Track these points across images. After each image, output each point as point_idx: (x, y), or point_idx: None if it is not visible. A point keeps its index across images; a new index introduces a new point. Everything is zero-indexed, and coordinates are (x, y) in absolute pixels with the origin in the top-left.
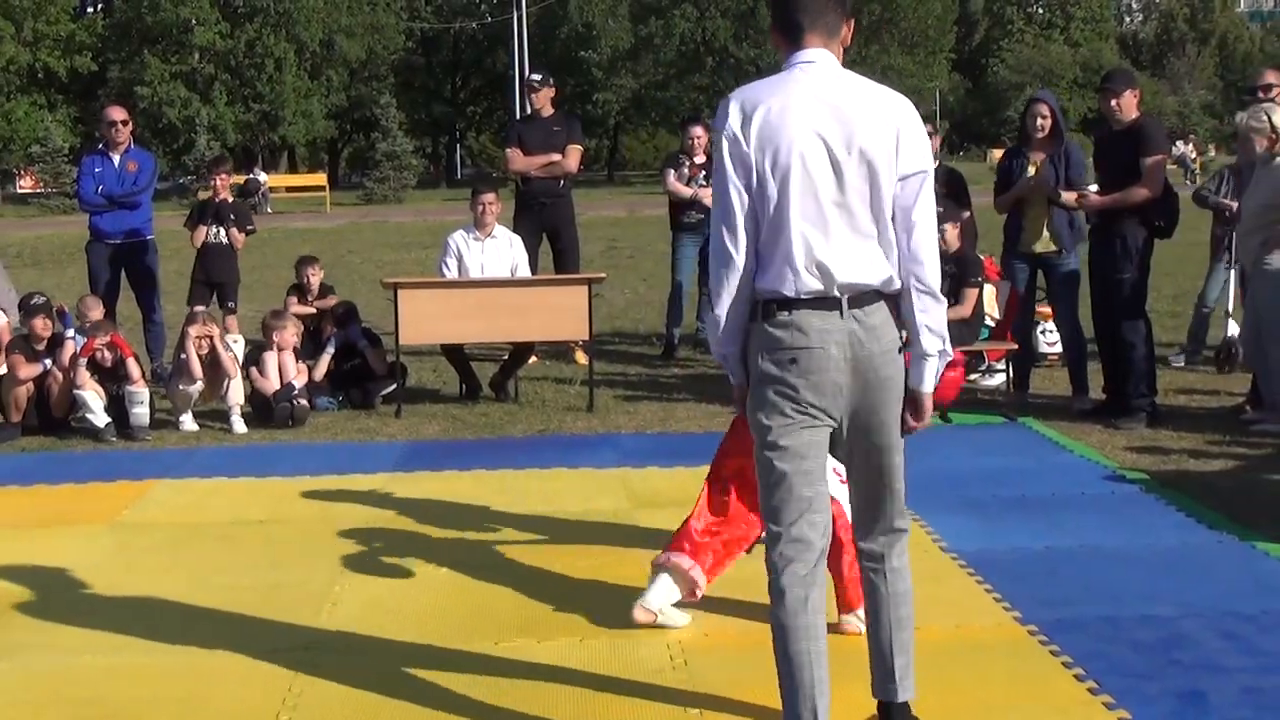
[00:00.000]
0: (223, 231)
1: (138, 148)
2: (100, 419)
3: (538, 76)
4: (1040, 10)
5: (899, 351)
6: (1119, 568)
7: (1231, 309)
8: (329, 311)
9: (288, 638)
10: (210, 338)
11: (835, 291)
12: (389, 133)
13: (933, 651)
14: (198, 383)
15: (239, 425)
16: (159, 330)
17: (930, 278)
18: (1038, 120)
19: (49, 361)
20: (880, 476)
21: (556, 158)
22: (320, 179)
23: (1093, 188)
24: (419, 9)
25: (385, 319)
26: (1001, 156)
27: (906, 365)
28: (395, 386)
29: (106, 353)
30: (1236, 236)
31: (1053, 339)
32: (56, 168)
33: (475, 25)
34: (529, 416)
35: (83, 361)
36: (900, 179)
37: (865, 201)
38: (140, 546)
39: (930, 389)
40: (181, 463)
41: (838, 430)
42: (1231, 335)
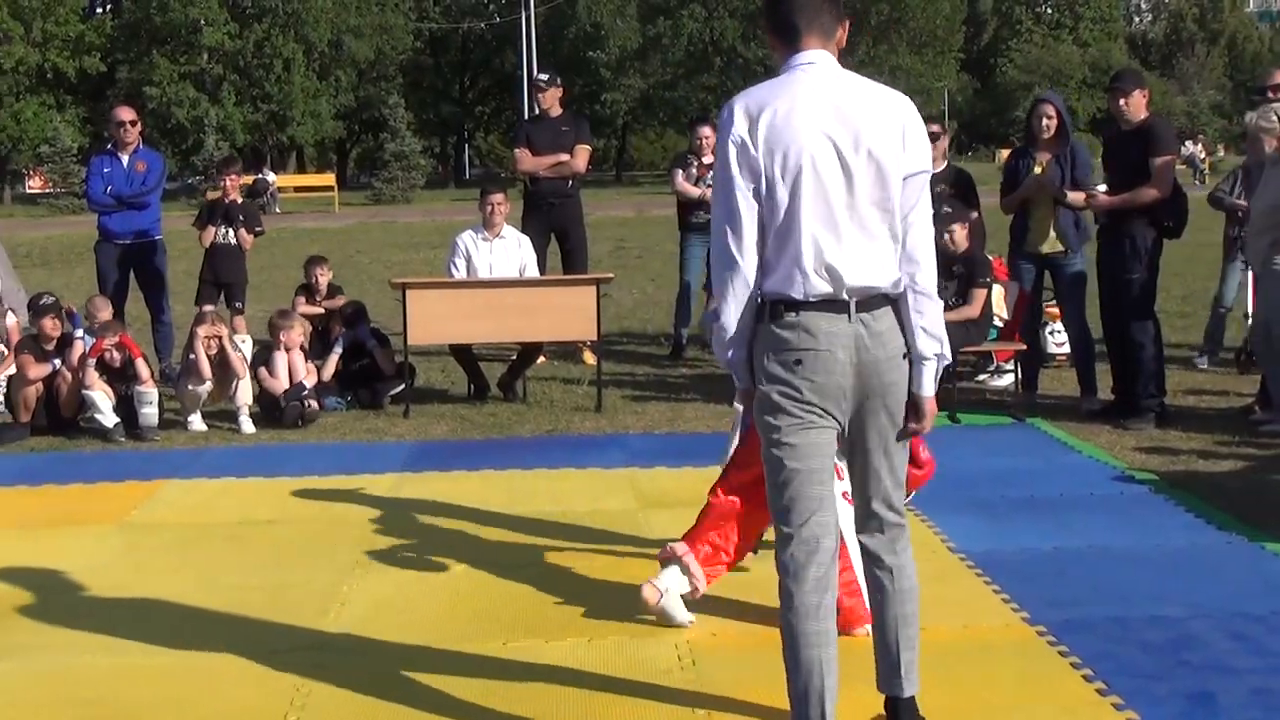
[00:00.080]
0: (231, 232)
1: (146, 148)
2: (109, 419)
3: (545, 76)
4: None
5: (903, 358)
6: (1128, 568)
7: (1251, 310)
8: (337, 311)
9: (296, 638)
10: (219, 338)
11: (844, 295)
12: (397, 133)
13: (941, 652)
14: (206, 383)
15: (247, 425)
16: (167, 330)
17: (927, 279)
18: (1043, 120)
19: (58, 361)
20: (880, 476)
21: (565, 158)
22: (329, 179)
23: (1101, 188)
24: (427, 9)
25: (394, 319)
26: (1008, 156)
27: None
28: (403, 387)
29: (115, 353)
30: (1245, 237)
31: (1061, 339)
32: (65, 168)
33: (483, 25)
34: (537, 417)
35: (91, 362)
36: (904, 178)
37: (874, 202)
38: (148, 547)
39: (930, 393)
40: (190, 463)
41: (840, 431)
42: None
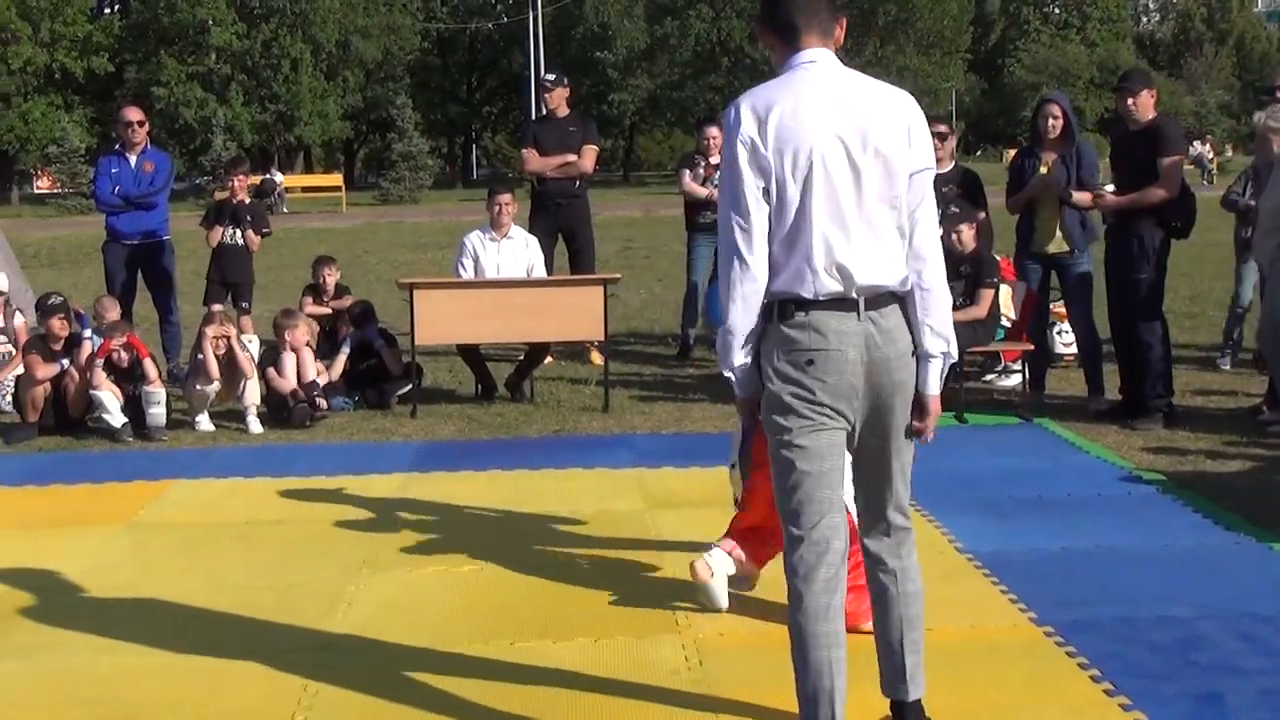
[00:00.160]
0: (238, 233)
1: (154, 148)
2: (117, 419)
3: (552, 77)
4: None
5: (911, 356)
6: (1135, 568)
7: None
8: (345, 312)
9: (303, 638)
10: (227, 338)
11: (853, 293)
12: (405, 133)
13: (948, 652)
14: (215, 383)
15: (255, 425)
16: (175, 330)
17: (934, 276)
18: (1049, 120)
19: (66, 361)
20: (888, 478)
21: (572, 158)
22: (336, 179)
23: (1109, 188)
24: (435, 10)
25: (401, 319)
26: (1014, 156)
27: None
28: (411, 387)
29: (123, 353)
30: (1253, 236)
31: (1068, 339)
32: (73, 168)
33: (491, 26)
34: (544, 417)
35: (99, 362)
36: (910, 175)
37: (882, 199)
38: (156, 546)
39: (936, 391)
40: (198, 463)
41: (850, 431)
42: None
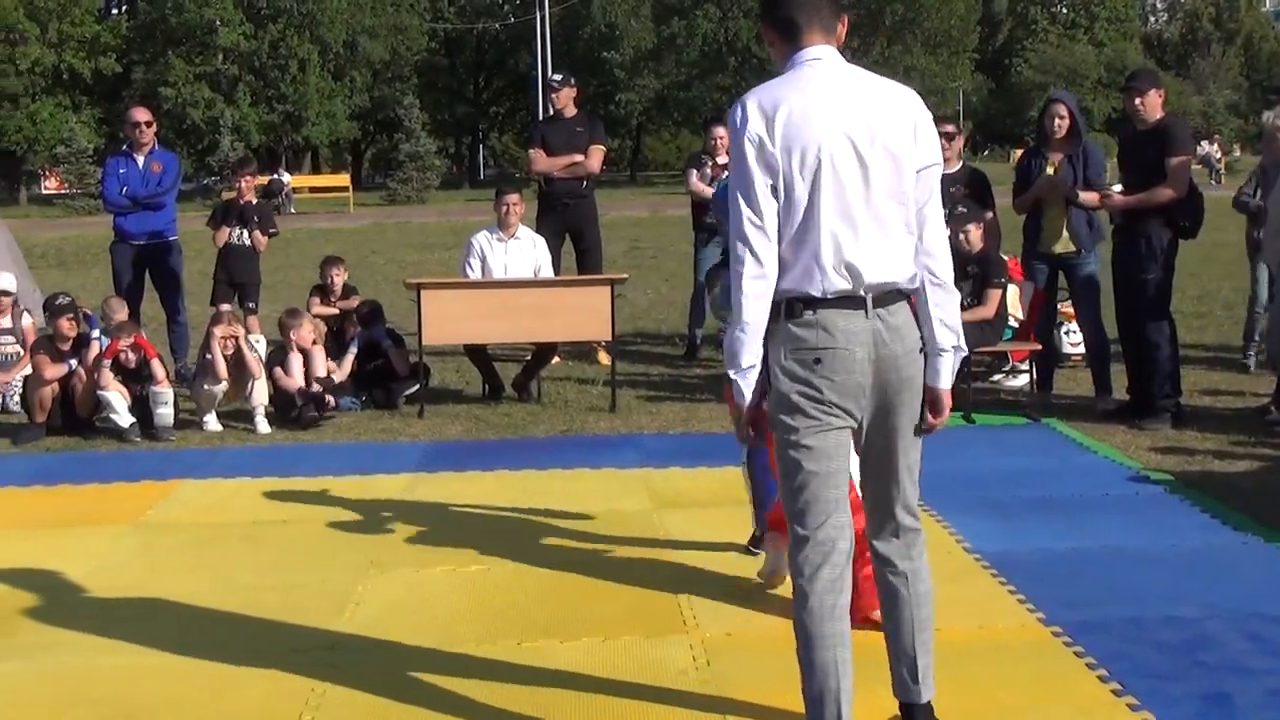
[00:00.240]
0: (246, 233)
1: (162, 149)
2: (124, 419)
3: (559, 77)
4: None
5: (919, 353)
6: (1143, 569)
7: None
8: (352, 312)
9: (310, 638)
10: (235, 338)
11: (861, 291)
12: (412, 133)
13: (955, 652)
14: (222, 383)
15: (263, 425)
16: (183, 331)
17: (943, 271)
18: (1055, 120)
19: (74, 362)
20: (897, 476)
21: (579, 158)
22: (344, 180)
23: (1116, 188)
24: (442, 10)
25: (408, 319)
26: (1021, 156)
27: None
28: (418, 387)
29: (131, 353)
30: (1262, 236)
31: (1076, 339)
32: (81, 169)
33: (498, 26)
34: (551, 417)
35: (107, 362)
36: (917, 171)
37: (890, 196)
38: (163, 546)
39: (947, 386)
40: (205, 463)
41: (857, 429)
42: None
